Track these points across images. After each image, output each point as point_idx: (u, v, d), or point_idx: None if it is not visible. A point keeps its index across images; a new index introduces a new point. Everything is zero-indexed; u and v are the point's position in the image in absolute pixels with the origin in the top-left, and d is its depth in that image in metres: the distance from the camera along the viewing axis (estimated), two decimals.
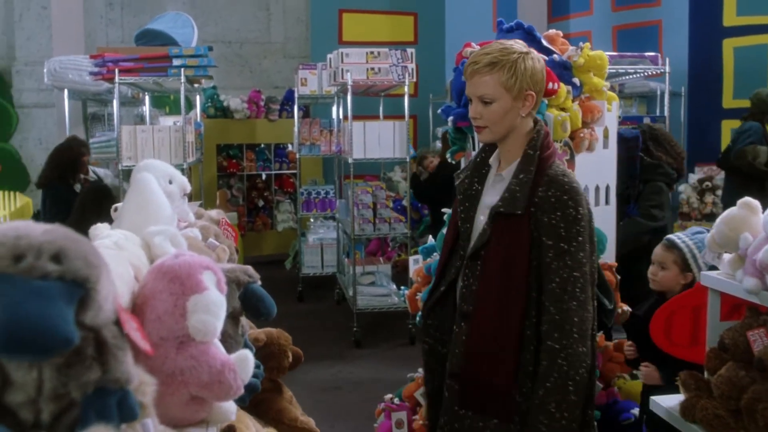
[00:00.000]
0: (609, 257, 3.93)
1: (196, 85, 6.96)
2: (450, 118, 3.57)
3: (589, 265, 2.31)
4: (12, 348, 0.82)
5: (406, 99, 6.76)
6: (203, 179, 8.06)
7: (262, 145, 10.60)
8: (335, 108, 8.58)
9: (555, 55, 3.72)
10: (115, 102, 6.08)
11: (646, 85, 8.46)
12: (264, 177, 10.76)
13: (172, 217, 1.80)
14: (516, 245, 2.27)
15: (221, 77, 10.33)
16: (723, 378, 2.09)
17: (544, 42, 3.81)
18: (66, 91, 7.74)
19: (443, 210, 3.49)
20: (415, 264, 3.92)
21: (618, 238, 4.05)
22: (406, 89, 6.75)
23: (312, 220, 9.18)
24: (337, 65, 6.72)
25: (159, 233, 1.54)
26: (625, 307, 3.69)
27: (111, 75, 5.75)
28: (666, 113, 6.34)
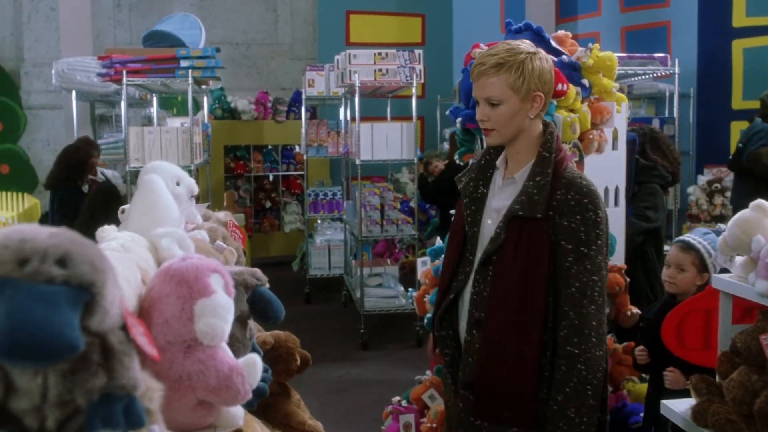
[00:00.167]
0: (618, 259, 3.91)
1: (203, 87, 6.96)
2: (458, 119, 3.55)
3: (605, 268, 2.28)
4: (16, 354, 0.80)
5: (413, 100, 6.75)
6: (210, 180, 8.06)
7: (269, 147, 10.61)
8: (342, 109, 8.57)
9: (564, 56, 3.71)
10: (123, 103, 6.09)
11: (654, 87, 8.44)
12: (271, 178, 10.77)
13: (179, 219, 1.79)
14: (535, 250, 2.21)
15: (229, 78, 10.34)
16: (735, 382, 2.07)
17: (552, 43, 3.79)
18: (74, 93, 7.77)
19: (451, 212, 3.48)
20: (423, 266, 3.90)
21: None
22: (413, 90, 6.75)
23: (319, 221, 9.17)
24: (345, 66, 6.72)
25: (166, 235, 1.53)
26: (635, 310, 3.66)
27: (119, 76, 5.76)
28: (675, 114, 6.31)
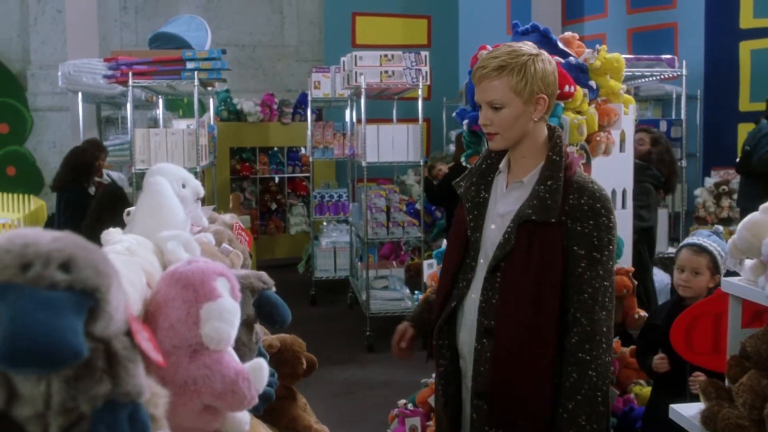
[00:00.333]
0: (625, 262, 3.89)
1: (209, 88, 6.96)
2: (465, 121, 3.54)
3: (614, 274, 2.25)
4: (19, 361, 0.79)
5: (419, 102, 6.75)
6: (216, 182, 8.06)
7: (275, 149, 10.62)
8: (348, 111, 8.56)
9: (571, 58, 3.69)
10: (129, 105, 6.09)
11: (661, 88, 8.41)
12: (277, 180, 10.77)
13: (185, 222, 1.78)
14: (548, 255, 2.16)
15: (234, 80, 10.34)
16: (745, 387, 2.04)
17: (560, 44, 3.78)
18: (80, 95, 7.79)
19: None
20: (429, 268, 3.90)
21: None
22: (419, 92, 6.75)
23: (325, 223, 9.16)
24: (351, 68, 6.71)
25: (172, 238, 1.52)
26: (642, 313, 3.65)
27: (125, 78, 5.77)
28: (683, 116, 6.28)
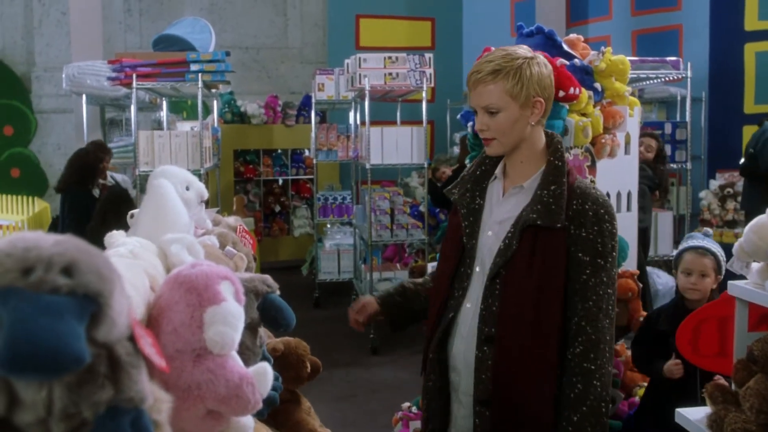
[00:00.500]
0: (630, 265, 3.88)
1: (213, 91, 6.97)
2: (469, 123, 3.53)
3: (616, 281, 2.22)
4: (20, 367, 0.78)
5: (423, 104, 6.74)
6: (220, 184, 8.06)
7: (279, 151, 10.62)
8: (352, 113, 8.56)
9: (576, 60, 3.68)
10: (133, 107, 6.10)
11: (665, 91, 8.39)
12: (281, 182, 10.77)
13: (189, 225, 1.77)
14: (552, 261, 2.12)
15: (238, 82, 10.35)
16: (752, 390, 2.03)
17: (564, 46, 3.77)
18: (84, 97, 7.80)
19: None
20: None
21: None
22: (423, 94, 6.74)
23: (329, 225, 9.16)
24: (355, 70, 6.71)
25: (176, 241, 1.51)
26: None
27: (129, 80, 5.77)
28: (687, 118, 6.27)
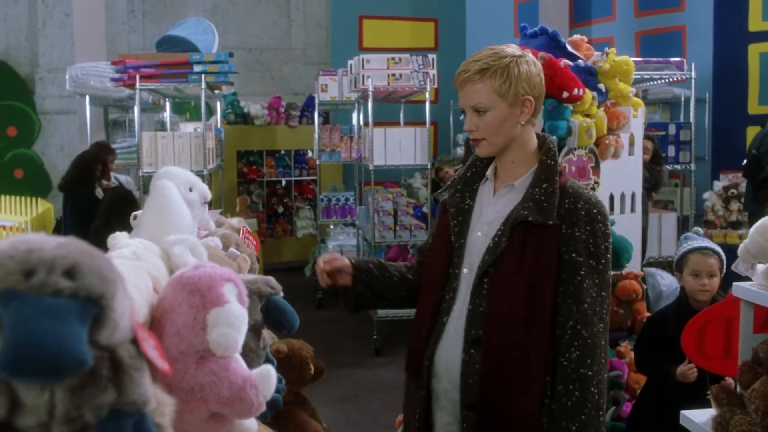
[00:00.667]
0: (634, 266, 3.86)
1: (216, 92, 6.96)
2: None
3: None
4: (21, 371, 0.77)
5: (427, 105, 6.74)
6: (223, 186, 8.06)
7: (282, 152, 10.62)
8: (355, 114, 8.56)
9: (580, 61, 3.68)
10: (136, 108, 6.10)
11: (669, 91, 8.38)
12: (284, 183, 10.77)
13: (192, 226, 1.77)
14: (543, 258, 2.04)
15: (242, 83, 10.35)
16: (757, 393, 2.03)
17: (568, 47, 3.76)
18: (88, 98, 7.80)
19: None
20: None
21: None
22: (427, 95, 6.73)
23: (332, 226, 9.15)
24: (358, 71, 6.71)
25: (179, 243, 1.50)
26: None
27: (132, 81, 5.76)
28: (691, 119, 6.24)
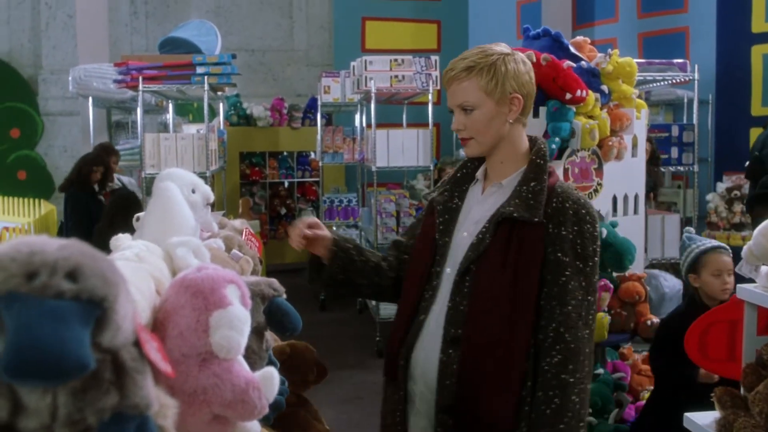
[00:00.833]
0: (637, 268, 3.86)
1: (219, 93, 6.97)
2: None
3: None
4: (24, 373, 0.77)
5: (429, 107, 6.74)
6: (226, 187, 8.06)
7: (284, 153, 10.62)
8: (358, 116, 8.56)
9: (583, 62, 3.67)
10: (139, 110, 6.10)
11: (672, 93, 8.36)
12: (286, 185, 10.77)
13: (195, 228, 1.76)
14: (528, 255, 1.97)
15: (244, 85, 10.35)
16: (761, 395, 2.02)
17: (571, 49, 3.76)
18: (90, 99, 7.81)
19: None
20: None
21: None
22: (429, 97, 6.73)
23: (334, 228, 9.14)
24: (361, 73, 6.71)
25: (181, 244, 1.50)
26: (654, 319, 3.62)
27: (135, 83, 5.76)
28: (694, 121, 6.23)
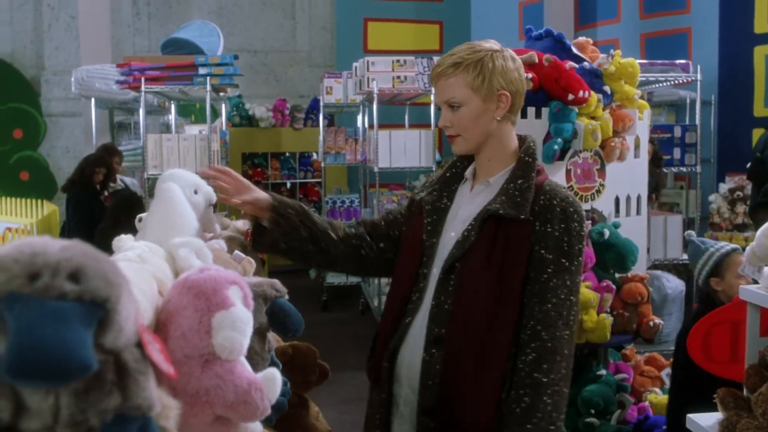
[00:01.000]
0: (640, 269, 3.85)
1: (221, 94, 6.96)
2: None
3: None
4: (26, 374, 0.77)
5: (431, 107, 6.74)
6: None
7: (287, 154, 10.63)
8: (360, 116, 8.56)
9: (585, 63, 3.67)
10: (141, 111, 6.10)
11: (675, 94, 8.36)
12: (289, 186, 10.78)
13: (197, 229, 1.77)
14: (514, 251, 1.95)
15: (246, 86, 10.36)
16: (764, 396, 2.02)
17: (574, 49, 3.76)
18: (93, 100, 7.81)
19: None
20: None
21: None
22: (432, 98, 6.73)
23: None
24: (363, 74, 6.71)
25: (184, 245, 1.50)
26: (657, 320, 3.61)
27: (137, 84, 5.77)
28: (697, 122, 6.23)
